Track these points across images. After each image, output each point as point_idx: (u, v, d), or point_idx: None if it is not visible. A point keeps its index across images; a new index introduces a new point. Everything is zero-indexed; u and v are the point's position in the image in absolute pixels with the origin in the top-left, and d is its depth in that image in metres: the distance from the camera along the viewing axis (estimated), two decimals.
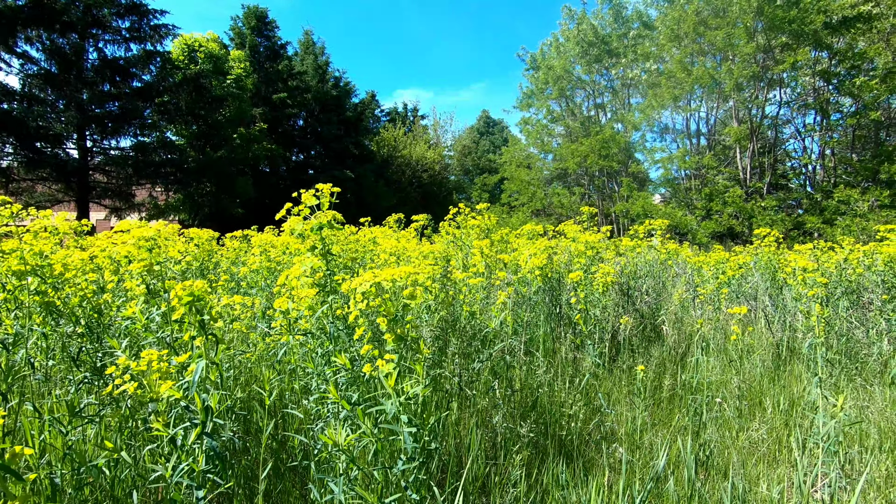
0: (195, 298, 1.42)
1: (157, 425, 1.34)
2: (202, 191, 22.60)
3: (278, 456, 2.28)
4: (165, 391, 1.34)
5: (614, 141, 24.91)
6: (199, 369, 1.32)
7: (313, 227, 1.94)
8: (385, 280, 1.39)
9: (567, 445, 3.02)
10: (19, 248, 2.21)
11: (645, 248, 6.46)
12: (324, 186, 1.95)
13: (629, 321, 5.07)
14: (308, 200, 1.96)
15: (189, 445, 1.37)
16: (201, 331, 1.42)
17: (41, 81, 17.39)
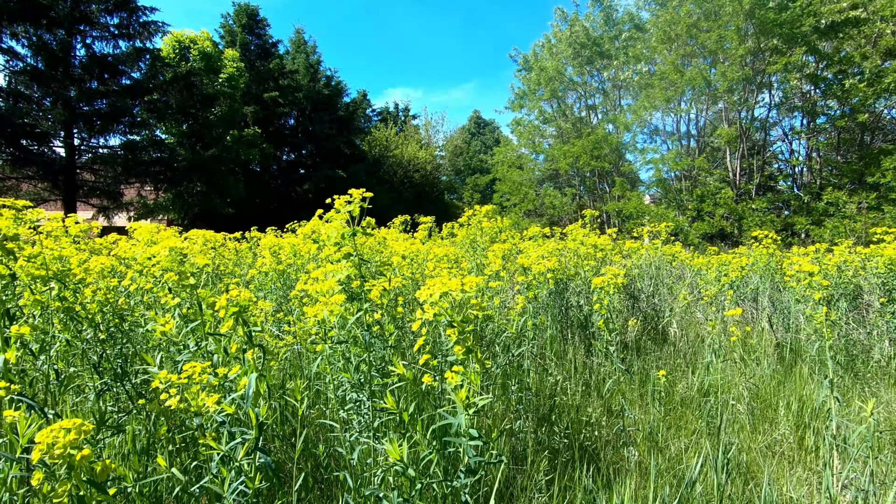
0: (241, 309, 1.38)
1: (208, 441, 1.30)
2: (192, 190, 22.29)
3: (310, 467, 2.24)
4: (212, 405, 1.30)
5: (606, 141, 25.08)
6: (252, 383, 1.28)
7: (346, 233, 1.90)
8: (455, 290, 1.36)
9: (588, 450, 3.01)
10: (41, 252, 2.15)
11: (648, 250, 6.50)
12: (356, 192, 1.91)
13: (637, 323, 5.09)
14: (341, 206, 1.92)
15: (239, 462, 1.33)
16: (250, 343, 1.38)
17: (27, 78, 17.02)
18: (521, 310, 3.05)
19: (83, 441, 1.01)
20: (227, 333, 1.50)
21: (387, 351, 1.82)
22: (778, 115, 20.86)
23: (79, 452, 0.99)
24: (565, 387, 3.79)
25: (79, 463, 0.98)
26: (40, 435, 1.00)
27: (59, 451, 0.97)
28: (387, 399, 1.48)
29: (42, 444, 0.98)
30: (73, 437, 0.99)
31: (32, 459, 0.98)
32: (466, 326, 1.37)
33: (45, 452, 0.97)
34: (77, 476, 1.00)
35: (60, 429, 1.00)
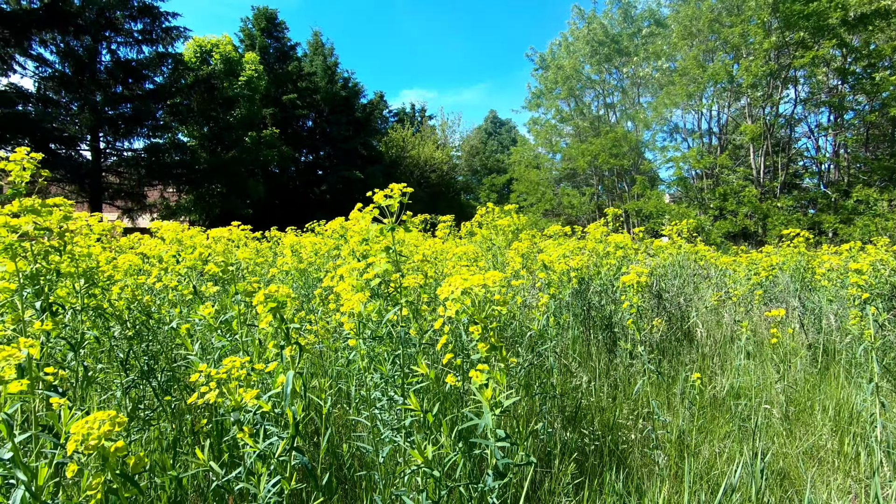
0: (279, 305, 1.36)
1: (245, 438, 1.28)
2: (213, 191, 22.66)
3: (334, 466, 2.22)
4: (251, 400, 1.28)
5: (626, 139, 24.74)
6: (290, 380, 1.26)
7: (384, 229, 1.87)
8: (476, 286, 1.32)
9: (616, 453, 2.93)
10: (70, 250, 2.16)
11: (670, 249, 6.35)
12: (396, 186, 1.88)
13: (662, 324, 4.97)
14: (379, 201, 1.89)
15: (276, 459, 1.30)
16: (287, 339, 1.36)
17: (55, 84, 17.50)
18: (544, 308, 2.98)
19: (117, 434, 1.00)
20: (265, 329, 1.48)
21: (416, 349, 1.78)
22: (804, 111, 20.31)
23: (112, 444, 0.98)
24: (590, 388, 3.71)
25: (112, 455, 0.97)
26: (75, 426, 0.98)
27: (94, 442, 0.95)
28: (411, 399, 1.44)
29: (77, 434, 0.97)
30: (108, 428, 0.97)
31: (67, 451, 0.96)
32: (490, 323, 1.32)
33: (79, 443, 0.96)
34: (111, 468, 0.98)
35: (95, 420, 0.98)
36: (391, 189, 1.86)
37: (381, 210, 2.00)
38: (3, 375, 1.18)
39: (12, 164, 2.11)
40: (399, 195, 1.84)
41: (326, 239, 4.37)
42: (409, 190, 1.88)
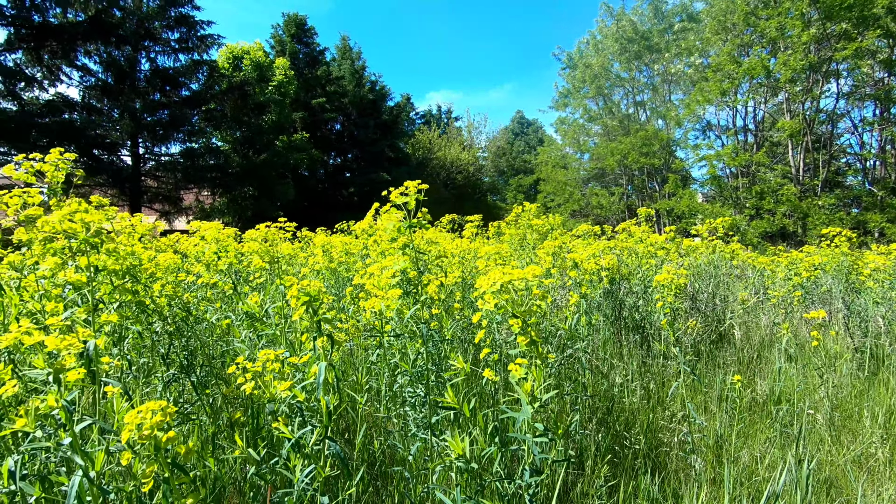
0: (311, 299, 1.39)
1: (281, 427, 1.31)
2: (245, 194, 23.26)
3: (366, 462, 2.24)
4: (284, 391, 1.31)
5: (657, 138, 24.19)
6: (322, 371, 1.28)
7: (403, 226, 1.88)
8: (516, 279, 1.31)
9: (651, 456, 2.87)
10: (115, 248, 2.24)
11: (704, 249, 6.17)
12: (411, 184, 1.89)
13: (697, 325, 4.83)
14: (396, 199, 1.90)
15: (310, 448, 1.32)
16: (318, 332, 1.38)
17: (98, 92, 18.30)
18: (574, 307, 2.94)
19: (168, 424, 1.03)
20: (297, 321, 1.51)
21: (444, 345, 1.78)
22: (847, 106, 19.43)
23: (164, 434, 1.01)
24: (623, 389, 3.64)
25: (164, 444, 1.00)
26: (129, 416, 1.02)
27: (147, 432, 0.99)
28: (447, 394, 1.44)
29: (131, 424, 1.01)
30: (160, 418, 1.01)
31: (122, 440, 1.00)
32: (529, 318, 1.31)
33: (133, 433, 1.00)
34: (162, 457, 1.02)
35: (148, 410, 1.02)
36: (406, 187, 1.87)
37: (402, 209, 2.02)
38: (65, 363, 1.24)
39: (47, 166, 2.20)
40: (415, 193, 1.85)
41: (355, 239, 4.42)
42: (424, 187, 1.88)
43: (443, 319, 2.02)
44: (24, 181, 1.82)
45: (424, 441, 1.74)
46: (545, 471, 1.33)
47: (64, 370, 1.23)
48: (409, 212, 1.96)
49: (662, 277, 2.54)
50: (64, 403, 1.22)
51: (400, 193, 2.02)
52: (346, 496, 1.46)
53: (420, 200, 1.95)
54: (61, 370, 1.24)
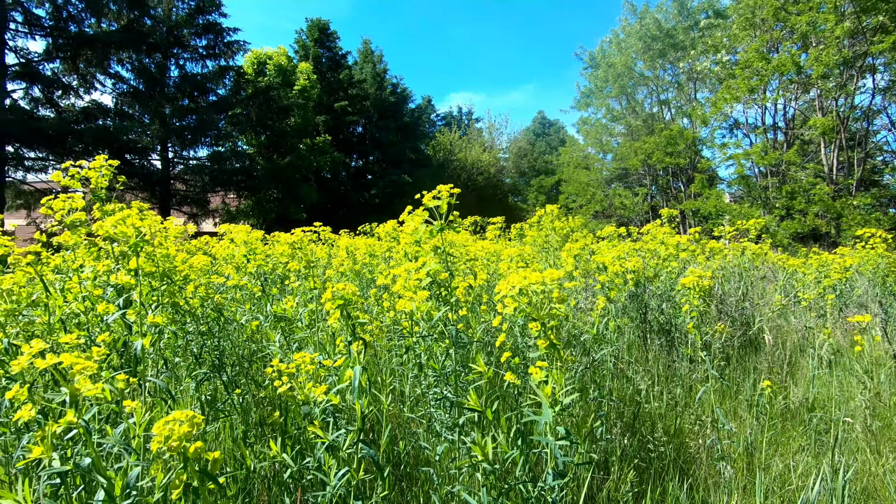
0: (346, 302, 1.41)
1: (316, 430, 1.34)
2: (269, 197, 23.71)
3: (392, 462, 2.26)
4: (320, 395, 1.34)
5: (682, 137, 23.71)
6: (357, 375, 1.30)
7: (433, 230, 1.90)
8: (536, 283, 1.32)
9: (678, 463, 2.82)
10: (152, 251, 2.32)
11: (732, 251, 6.02)
12: (444, 188, 1.90)
13: (725, 329, 4.73)
14: (429, 202, 1.92)
15: (344, 451, 1.35)
16: (353, 336, 1.41)
17: (130, 98, 18.92)
18: (601, 311, 2.91)
19: (195, 435, 1.06)
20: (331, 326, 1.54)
21: (472, 347, 1.79)
22: (883, 102, 18.71)
23: (192, 445, 1.04)
24: (648, 394, 3.58)
25: (192, 455, 1.03)
26: (157, 427, 1.05)
27: (175, 443, 1.02)
28: (470, 397, 1.45)
29: (160, 436, 1.04)
30: (187, 429, 1.04)
31: (151, 451, 1.04)
32: (549, 322, 1.31)
33: (162, 444, 1.03)
34: (192, 468, 1.05)
35: (175, 420, 1.05)
36: (439, 191, 1.88)
37: (430, 212, 2.04)
38: (80, 388, 1.26)
39: (93, 172, 2.30)
40: (447, 196, 1.86)
41: (378, 241, 4.47)
42: (456, 191, 1.89)
43: (471, 321, 2.04)
44: (72, 187, 1.91)
45: (450, 442, 1.75)
46: (569, 474, 1.33)
47: (80, 394, 1.24)
48: (440, 215, 1.98)
49: (688, 280, 2.49)
50: (82, 423, 1.23)
51: (432, 197, 2.04)
52: (379, 498, 1.49)
53: (451, 204, 1.97)
54: (77, 394, 1.25)
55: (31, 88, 16.70)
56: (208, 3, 20.20)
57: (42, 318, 1.72)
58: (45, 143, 15.68)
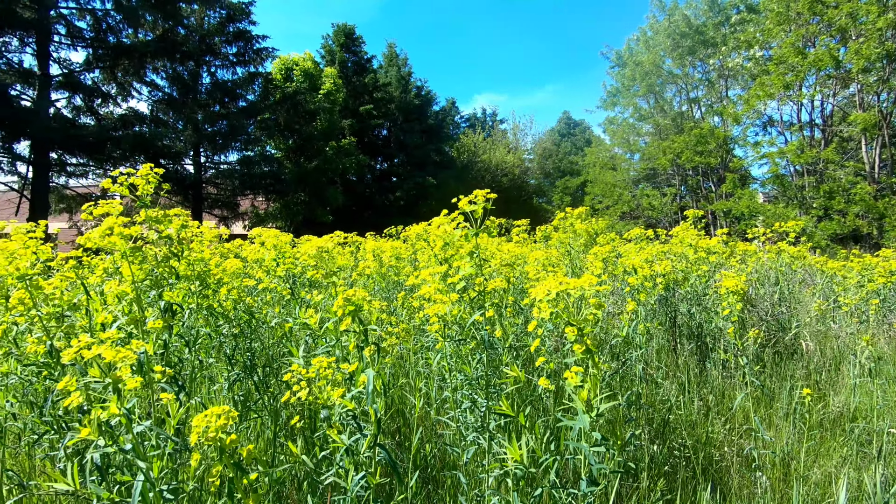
0: (357, 308, 1.44)
1: (333, 434, 1.36)
2: (297, 200, 24.17)
3: (420, 465, 2.27)
4: (337, 398, 1.36)
5: (713, 135, 23.09)
6: (371, 380, 1.32)
7: (468, 234, 1.91)
8: (572, 288, 1.31)
9: (709, 472, 2.74)
10: (187, 255, 2.39)
11: (767, 253, 5.83)
12: (480, 192, 1.92)
13: (759, 334, 4.58)
14: (465, 206, 1.94)
15: (361, 455, 1.37)
16: (365, 340, 1.43)
17: (165, 105, 19.59)
18: (631, 314, 2.86)
19: (230, 427, 1.10)
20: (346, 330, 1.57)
21: (504, 352, 1.79)
22: None
23: (228, 437, 1.08)
24: (679, 400, 3.50)
25: (227, 446, 1.07)
26: (196, 419, 1.10)
27: (213, 434, 1.06)
28: (502, 402, 1.45)
29: (199, 427, 1.08)
30: (224, 422, 1.08)
31: (190, 441, 1.08)
32: (585, 326, 1.29)
33: (200, 435, 1.07)
34: (227, 459, 1.09)
35: (213, 414, 1.09)
36: (475, 195, 1.89)
37: (465, 216, 2.05)
38: (122, 375, 1.32)
39: (139, 180, 2.39)
40: (483, 201, 1.87)
41: (404, 244, 4.50)
42: (492, 196, 1.90)
43: (506, 326, 2.04)
44: (120, 193, 1.99)
45: (478, 445, 1.75)
46: (602, 481, 1.31)
47: (121, 381, 1.31)
48: (475, 220, 2.00)
49: (731, 283, 2.43)
50: (124, 411, 1.30)
51: (469, 201, 2.05)
52: (401, 500, 1.50)
53: (486, 209, 1.98)
54: (118, 381, 1.31)
55: (73, 97, 17.47)
56: (238, 12, 20.75)
57: (82, 321, 1.80)
58: (86, 149, 16.36)
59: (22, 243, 1.73)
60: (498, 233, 6.02)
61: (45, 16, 15.72)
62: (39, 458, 2.16)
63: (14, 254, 1.66)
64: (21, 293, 1.59)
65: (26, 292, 1.62)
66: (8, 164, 16.14)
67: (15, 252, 1.67)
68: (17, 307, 1.57)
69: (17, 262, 1.64)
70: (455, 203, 2.04)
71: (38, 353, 1.60)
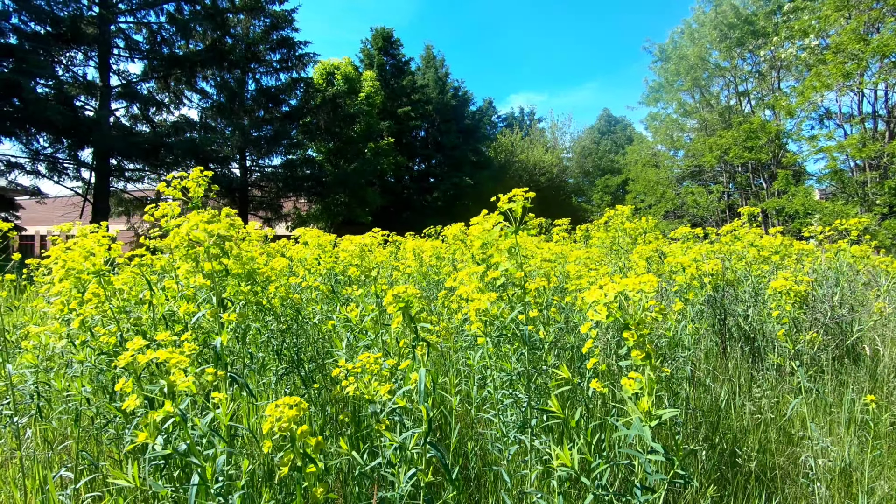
0: (407, 304, 1.46)
1: (381, 429, 1.40)
2: (337, 201, 24.72)
3: (460, 463, 2.29)
4: (385, 394, 1.39)
5: (764, 130, 22.00)
6: (422, 377, 1.34)
7: (507, 231, 1.92)
8: (631, 290, 1.28)
9: (763, 479, 2.63)
10: (237, 254, 2.49)
11: (825, 252, 5.50)
12: (519, 191, 1.92)
13: (818, 337, 4.34)
14: (504, 205, 1.95)
15: (410, 452, 1.40)
16: (417, 338, 1.45)
17: (213, 112, 20.49)
18: (678, 315, 2.78)
19: (300, 418, 1.15)
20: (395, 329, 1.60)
21: (545, 351, 1.77)
22: None
23: (299, 427, 1.13)
24: (729, 405, 3.37)
25: (299, 437, 1.12)
26: (269, 409, 1.15)
27: (285, 424, 1.11)
28: (552, 402, 1.44)
29: (272, 416, 1.13)
30: (295, 413, 1.13)
31: (263, 430, 1.13)
32: (643, 330, 1.27)
33: (273, 424, 1.12)
34: (297, 448, 1.14)
35: (284, 405, 1.14)
36: (514, 194, 1.90)
37: (504, 214, 2.05)
38: (175, 379, 1.39)
39: (191, 183, 2.53)
40: (522, 200, 1.87)
41: (444, 243, 4.52)
42: (531, 195, 1.90)
43: (548, 323, 2.03)
44: (173, 196, 2.11)
45: (520, 444, 1.74)
46: (659, 491, 1.28)
47: (175, 385, 1.37)
48: (514, 218, 2.00)
49: (779, 284, 2.32)
50: (179, 412, 1.36)
51: (508, 199, 2.07)
52: (450, 498, 1.51)
53: (525, 207, 1.98)
54: (173, 385, 1.38)
55: (130, 107, 18.56)
56: (281, 20, 21.45)
57: (146, 315, 1.92)
58: (142, 155, 17.33)
59: (96, 241, 1.87)
60: (537, 232, 5.96)
61: (107, 31, 16.76)
62: (106, 442, 2.30)
63: (91, 250, 1.79)
64: (95, 287, 1.72)
65: (100, 287, 1.74)
66: (74, 171, 17.31)
67: (91, 249, 1.80)
68: (92, 300, 1.70)
69: (93, 259, 1.76)
70: (494, 202, 2.04)
71: (110, 343, 1.72)
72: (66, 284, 1.82)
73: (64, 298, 1.85)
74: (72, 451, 2.26)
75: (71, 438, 2.43)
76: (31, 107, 14.22)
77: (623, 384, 1.27)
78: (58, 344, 1.80)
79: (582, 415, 1.56)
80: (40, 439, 2.60)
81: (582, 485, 1.56)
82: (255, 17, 20.91)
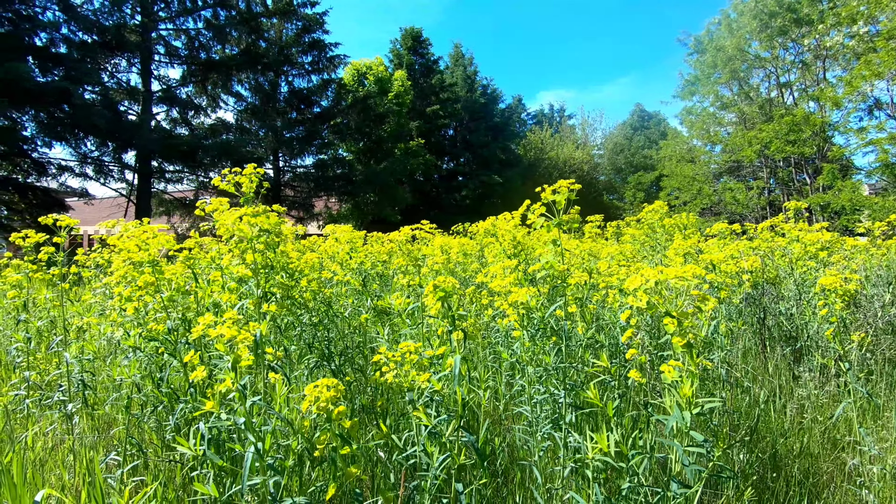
0: (446, 294, 1.48)
1: (421, 416, 1.42)
2: (367, 200, 25.06)
3: (489, 456, 2.29)
4: (422, 382, 1.41)
5: (807, 122, 21.04)
6: (457, 363, 1.36)
7: (550, 224, 1.93)
8: (672, 278, 1.27)
9: (806, 484, 2.53)
10: (281, 248, 2.56)
11: (874, 249, 5.23)
12: (564, 182, 1.93)
13: (866, 338, 4.14)
14: (548, 197, 1.96)
15: (446, 437, 1.42)
16: (453, 325, 1.47)
17: (248, 114, 21.08)
18: (711, 312, 2.70)
19: (337, 399, 1.18)
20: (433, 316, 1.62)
21: (582, 346, 1.76)
22: None
23: (335, 408, 1.17)
24: (768, 407, 3.25)
25: (336, 417, 1.15)
26: (308, 388, 1.20)
27: (323, 404, 1.15)
28: (590, 391, 1.43)
29: (311, 396, 1.18)
30: (333, 394, 1.16)
31: (302, 408, 1.18)
32: (684, 319, 1.24)
33: (312, 404, 1.17)
34: (333, 428, 1.18)
35: (323, 386, 1.18)
36: (559, 185, 1.91)
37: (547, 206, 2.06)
38: (241, 354, 1.46)
39: (244, 179, 2.66)
40: (566, 192, 1.87)
41: (471, 240, 4.53)
42: (576, 186, 1.89)
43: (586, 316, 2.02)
44: (228, 191, 2.22)
45: (551, 438, 1.73)
46: (696, 486, 1.25)
47: (240, 359, 1.45)
48: (557, 211, 2.01)
49: (828, 281, 2.23)
50: (238, 387, 1.43)
51: (552, 191, 2.07)
52: (480, 485, 1.52)
53: (570, 199, 1.98)
54: (238, 359, 1.45)
55: (170, 110, 19.29)
56: (313, 23, 21.86)
57: (193, 305, 2.01)
58: (181, 157, 17.99)
59: (152, 233, 1.97)
60: (567, 229, 5.89)
61: (148, 38, 17.47)
62: (148, 431, 2.42)
63: (146, 241, 1.89)
64: (148, 276, 1.81)
65: (152, 276, 1.84)
66: (118, 173, 18.13)
67: (146, 240, 1.90)
68: (145, 287, 1.79)
69: (149, 249, 1.87)
70: (534, 195, 2.05)
71: (160, 331, 1.81)
72: (128, 270, 1.92)
73: (124, 285, 1.96)
74: (119, 437, 2.38)
75: (118, 425, 2.56)
76: (79, 112, 14.97)
77: (663, 370, 1.25)
78: (116, 333, 1.91)
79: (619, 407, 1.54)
80: (87, 426, 2.75)
81: (615, 481, 1.54)
82: (287, 20, 21.38)
